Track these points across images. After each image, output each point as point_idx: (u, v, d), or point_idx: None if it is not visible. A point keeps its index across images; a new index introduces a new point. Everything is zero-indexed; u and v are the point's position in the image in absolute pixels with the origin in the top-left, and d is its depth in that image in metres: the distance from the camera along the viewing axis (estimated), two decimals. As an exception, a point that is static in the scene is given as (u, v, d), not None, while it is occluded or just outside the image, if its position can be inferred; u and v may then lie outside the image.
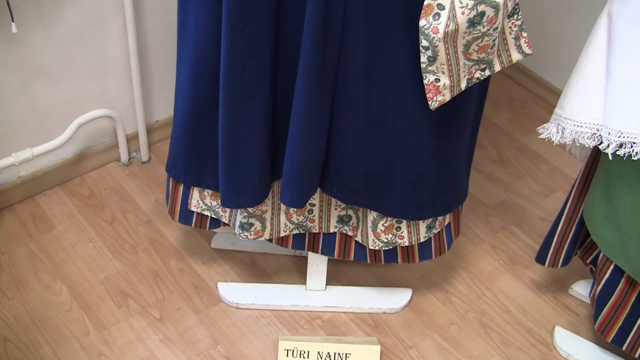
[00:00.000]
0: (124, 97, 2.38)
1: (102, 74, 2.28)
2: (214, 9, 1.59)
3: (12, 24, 1.88)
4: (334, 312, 2.09)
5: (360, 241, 1.92)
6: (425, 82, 1.54)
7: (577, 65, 1.59)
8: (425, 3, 1.46)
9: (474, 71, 1.58)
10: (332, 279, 2.17)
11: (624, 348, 1.83)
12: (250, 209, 1.85)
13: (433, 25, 1.45)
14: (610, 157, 1.52)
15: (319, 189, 1.83)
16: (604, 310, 1.80)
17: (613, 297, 1.78)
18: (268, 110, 1.69)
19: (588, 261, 1.97)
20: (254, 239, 1.91)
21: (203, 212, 1.95)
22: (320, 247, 1.98)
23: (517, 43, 1.62)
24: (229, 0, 1.52)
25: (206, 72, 1.69)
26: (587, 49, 1.57)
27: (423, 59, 1.51)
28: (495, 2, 1.45)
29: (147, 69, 2.38)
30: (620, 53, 1.48)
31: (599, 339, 2.04)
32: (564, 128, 1.59)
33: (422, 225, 1.86)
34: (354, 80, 1.60)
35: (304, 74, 1.56)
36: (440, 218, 1.88)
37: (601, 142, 1.52)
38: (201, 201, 1.93)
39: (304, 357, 1.94)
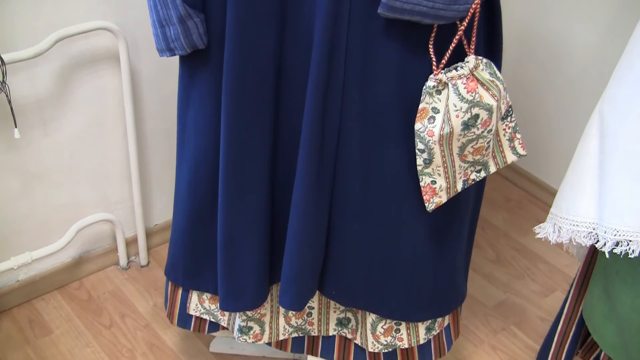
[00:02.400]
0: (123, 201, 2.39)
1: (102, 178, 2.30)
2: (212, 116, 1.62)
3: (15, 129, 1.91)
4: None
5: (359, 344, 1.91)
6: (421, 184, 1.56)
7: (571, 165, 1.60)
8: (420, 107, 1.48)
9: (469, 173, 1.59)
10: (332, 382, 2.14)
11: None
12: (249, 312, 1.84)
13: (428, 129, 1.48)
14: (607, 256, 1.53)
15: (317, 292, 1.82)
16: (608, 411, 1.78)
17: (616, 397, 1.75)
18: (266, 215, 1.70)
19: (590, 361, 1.95)
20: (252, 342, 1.89)
21: (202, 316, 1.94)
22: (320, 350, 1.96)
23: (512, 144, 1.64)
24: (228, 108, 1.56)
25: (205, 177, 1.71)
26: (580, 149, 1.58)
27: (419, 161, 1.53)
28: (488, 104, 1.48)
29: (147, 173, 2.40)
30: (612, 152, 1.49)
31: None
32: (560, 227, 1.59)
33: (422, 327, 1.85)
34: (351, 183, 1.61)
35: (301, 179, 1.57)
36: (439, 319, 1.87)
37: (597, 241, 1.52)
38: (200, 305, 1.92)
39: None
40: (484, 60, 1.51)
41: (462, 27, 1.45)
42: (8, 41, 1.89)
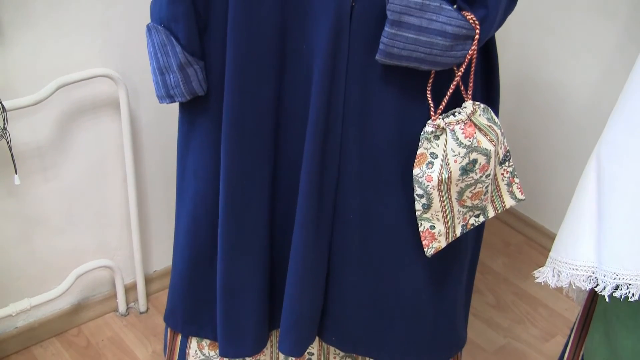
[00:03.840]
0: (122, 247, 2.39)
1: (102, 224, 2.30)
2: (212, 162, 1.63)
3: (15, 176, 1.91)
4: None
5: (360, 389, 1.90)
6: (420, 229, 1.56)
7: (569, 209, 1.60)
8: (418, 152, 1.49)
9: (468, 217, 1.60)
10: None
11: None
12: (248, 359, 1.83)
13: (427, 174, 1.48)
14: (607, 300, 1.52)
15: (317, 337, 1.81)
16: None
17: None
18: (266, 261, 1.70)
19: (592, 407, 1.93)
20: (252, 388, 1.88)
21: (201, 362, 1.94)
22: (320, 396, 1.95)
23: (510, 189, 1.65)
24: (228, 154, 1.56)
25: (204, 223, 1.71)
26: (578, 193, 1.58)
27: (418, 206, 1.53)
28: (486, 149, 1.49)
29: (146, 219, 2.40)
30: (610, 195, 1.50)
31: None
32: (559, 271, 1.59)
33: (423, 372, 1.84)
34: (350, 229, 1.62)
35: (300, 225, 1.58)
36: (440, 365, 1.86)
37: (597, 285, 1.52)
38: (199, 351, 1.91)
39: None
40: (482, 105, 1.52)
41: (460, 73, 1.46)
42: (9, 88, 1.91)
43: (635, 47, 2.37)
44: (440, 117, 1.49)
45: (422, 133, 1.49)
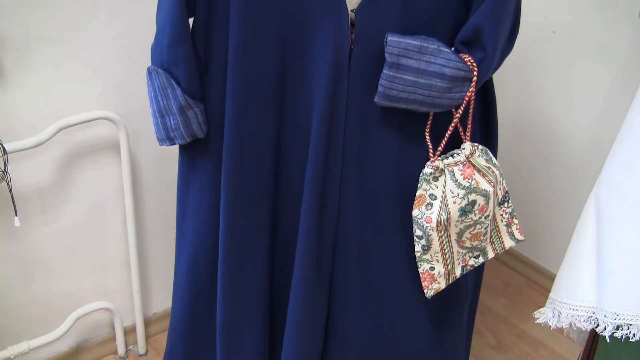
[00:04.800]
0: (122, 289, 2.38)
1: (101, 267, 2.30)
2: (212, 203, 1.64)
3: (15, 218, 1.91)
4: None
5: None
6: (420, 270, 1.56)
7: (569, 250, 1.60)
8: (417, 193, 1.50)
9: (467, 258, 1.60)
10: None
11: None
12: (248, 400, 1.82)
13: (426, 215, 1.49)
14: (608, 340, 1.52)
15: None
16: None
17: None
18: (266, 302, 1.70)
19: None
20: None
21: (200, 405, 1.92)
22: None
23: (509, 230, 1.65)
24: (227, 196, 1.57)
25: (204, 264, 1.71)
26: (577, 233, 1.58)
27: (417, 247, 1.53)
28: (485, 190, 1.49)
29: (146, 261, 2.40)
30: (609, 235, 1.50)
31: None
32: (560, 312, 1.58)
33: (423, 415, 1.83)
34: (350, 270, 1.62)
35: (300, 267, 1.58)
36: (441, 407, 1.85)
37: (598, 325, 1.52)
38: (198, 393, 1.90)
39: None
40: (480, 146, 1.53)
41: (458, 115, 1.47)
42: (10, 130, 1.92)
43: (632, 89, 2.38)
44: (439, 158, 1.50)
45: (421, 174, 1.49)
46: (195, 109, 1.55)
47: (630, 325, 1.47)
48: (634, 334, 1.47)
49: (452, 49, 1.45)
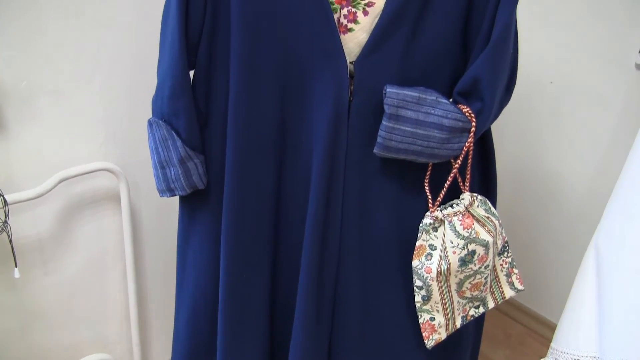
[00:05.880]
0: (121, 341, 2.37)
1: (101, 318, 2.29)
2: (212, 255, 1.64)
3: (15, 269, 1.91)
4: None
5: None
6: (420, 321, 1.55)
7: (569, 299, 1.60)
8: (417, 244, 1.50)
9: (468, 309, 1.59)
10: None
11: None
12: None
13: (426, 265, 1.49)
14: (610, 391, 1.51)
15: None
16: None
17: None
18: (266, 352, 1.69)
19: None
20: None
21: None
22: None
23: (509, 280, 1.65)
24: (227, 247, 1.57)
25: (204, 316, 1.70)
26: (578, 282, 1.58)
27: (417, 298, 1.53)
28: (485, 240, 1.49)
29: (146, 313, 2.39)
30: (610, 285, 1.50)
31: None
32: (561, 363, 1.58)
33: None
34: (350, 320, 1.61)
35: (300, 317, 1.57)
36: None
37: (600, 376, 1.51)
38: None
39: None
40: (479, 197, 1.53)
41: (457, 165, 1.48)
42: (11, 181, 1.92)
43: (629, 138, 2.39)
44: (439, 208, 1.50)
45: (421, 225, 1.50)
46: (196, 160, 1.55)
47: (633, 375, 1.46)
48: (636, 384, 1.46)
49: (451, 100, 1.46)
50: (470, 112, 1.44)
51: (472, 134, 1.45)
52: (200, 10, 1.49)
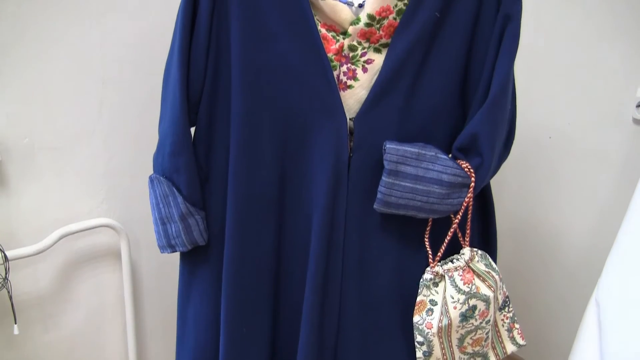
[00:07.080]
0: (120, 398, 2.35)
1: (100, 375, 2.28)
2: (212, 312, 1.63)
3: (15, 325, 1.90)
4: None
5: None
6: (422, 376, 1.55)
7: (571, 354, 1.59)
8: (418, 299, 1.50)
9: (469, 364, 1.59)
10: None
11: None
12: None
13: (427, 321, 1.48)
14: None
15: None
16: None
17: None
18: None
19: None
20: None
21: None
22: None
23: (511, 334, 1.64)
24: (228, 304, 1.56)
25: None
26: (579, 337, 1.58)
27: (419, 354, 1.52)
28: (485, 295, 1.49)
29: (145, 369, 2.38)
30: (611, 339, 1.49)
31: None
32: (564, 419, 1.57)
33: None
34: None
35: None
36: None
37: None
38: None
39: None
40: (479, 251, 1.54)
41: (457, 220, 1.48)
42: (12, 237, 1.92)
43: (629, 193, 2.40)
44: (439, 264, 1.50)
45: (421, 280, 1.49)
46: (197, 217, 1.56)
47: None
48: None
49: (450, 155, 1.47)
50: (469, 167, 1.45)
51: (471, 189, 1.46)
52: (201, 71, 1.51)
